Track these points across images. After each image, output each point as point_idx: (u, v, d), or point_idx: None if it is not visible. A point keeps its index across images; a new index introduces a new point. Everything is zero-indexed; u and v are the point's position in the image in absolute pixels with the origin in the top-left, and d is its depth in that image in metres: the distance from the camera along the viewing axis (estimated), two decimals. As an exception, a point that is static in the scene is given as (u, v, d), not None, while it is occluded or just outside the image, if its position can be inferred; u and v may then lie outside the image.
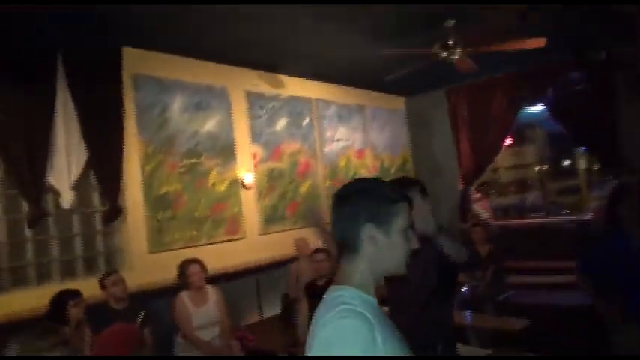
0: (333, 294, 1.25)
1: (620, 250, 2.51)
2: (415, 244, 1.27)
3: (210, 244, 4.81)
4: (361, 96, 7.12)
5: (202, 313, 3.84)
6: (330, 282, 3.73)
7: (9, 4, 3.30)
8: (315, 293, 3.85)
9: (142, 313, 3.53)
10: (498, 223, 7.35)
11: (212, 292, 3.98)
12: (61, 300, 3.23)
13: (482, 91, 7.26)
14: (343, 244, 1.27)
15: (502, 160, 8.13)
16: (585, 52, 6.10)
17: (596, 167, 7.26)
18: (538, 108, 7.03)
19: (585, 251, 2.81)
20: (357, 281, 1.24)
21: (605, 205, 5.22)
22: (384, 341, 1.12)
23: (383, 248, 1.23)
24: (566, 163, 8.86)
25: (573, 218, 6.91)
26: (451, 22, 4.49)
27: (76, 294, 3.29)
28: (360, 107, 7.10)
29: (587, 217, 6.73)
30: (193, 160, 4.83)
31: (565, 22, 5.07)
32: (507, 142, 7.61)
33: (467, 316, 4.22)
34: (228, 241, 5.03)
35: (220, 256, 4.81)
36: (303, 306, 3.93)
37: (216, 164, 5.02)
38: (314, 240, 5.21)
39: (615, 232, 2.61)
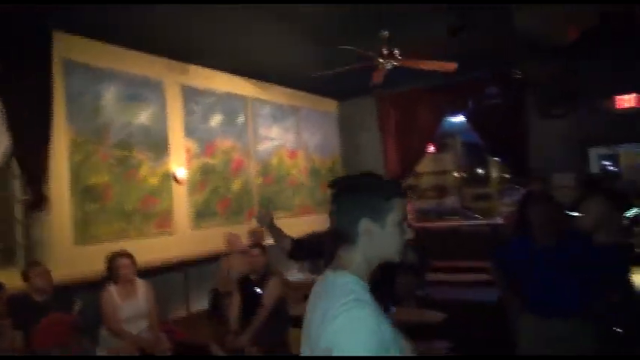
0: (339, 280, 1.29)
1: (525, 252, 2.82)
2: (410, 235, 1.35)
3: (140, 237, 4.73)
4: (296, 98, 7.27)
5: (130, 307, 3.79)
6: (264, 277, 3.84)
7: None
8: (247, 288, 3.94)
9: (78, 302, 3.46)
10: (418, 225, 7.78)
11: (141, 285, 3.94)
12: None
13: (410, 100, 7.67)
14: (341, 234, 1.34)
15: (423, 166, 8.63)
16: (503, 70, 6.68)
17: (507, 176, 7.92)
18: (459, 118, 7.55)
19: (499, 251, 3.11)
20: (354, 269, 1.31)
21: (515, 211, 5.75)
22: (384, 327, 1.20)
23: (378, 240, 1.31)
24: (481, 171, 9.57)
25: (485, 222, 7.49)
26: (385, 33, 4.75)
27: (-3, 286, 3.15)
28: (294, 108, 7.24)
29: (499, 221, 7.33)
30: (125, 152, 4.72)
31: (487, 41, 5.52)
32: (430, 149, 8.09)
33: (392, 310, 4.49)
34: (159, 235, 4.97)
35: (150, 250, 4.74)
36: (236, 300, 4.00)
37: (149, 157, 4.95)
38: (245, 236, 5.28)
39: (523, 235, 2.92)
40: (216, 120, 5.79)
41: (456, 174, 9.28)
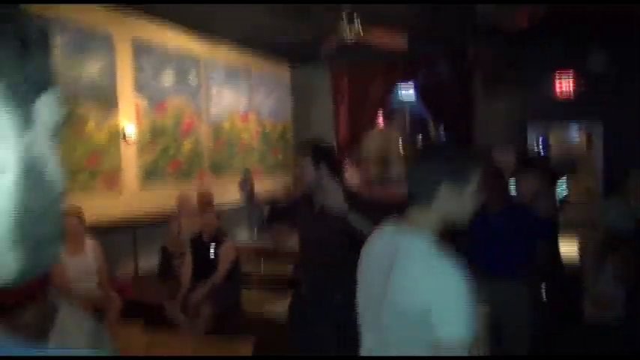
0: (418, 239, 1.35)
1: (479, 223, 3.01)
2: (478, 204, 1.47)
3: (87, 196, 4.58)
4: (249, 60, 7.15)
5: (78, 264, 3.71)
6: (217, 238, 3.85)
7: None
8: (200, 249, 3.95)
9: None
10: (367, 192, 7.99)
11: (89, 243, 3.86)
12: None
13: (363, 70, 7.75)
14: (416, 195, 1.43)
15: (372, 136, 8.80)
16: (454, 47, 6.88)
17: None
18: (409, 92, 7.72)
19: None
20: (429, 228, 1.39)
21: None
22: None
23: (455, 205, 1.40)
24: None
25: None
26: (348, 7, 4.75)
27: None
28: (247, 71, 7.13)
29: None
30: (71, 107, 4.50)
31: (441, 18, 5.65)
32: (379, 119, 8.25)
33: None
34: (106, 194, 4.83)
35: (97, 209, 4.60)
36: (188, 260, 4.00)
37: (97, 113, 4.75)
38: (194, 197, 5.24)
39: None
40: (167, 78, 5.62)
41: (402, 146, 9.55)
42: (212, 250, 3.90)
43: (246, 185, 2.64)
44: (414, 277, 1.28)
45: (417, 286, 1.26)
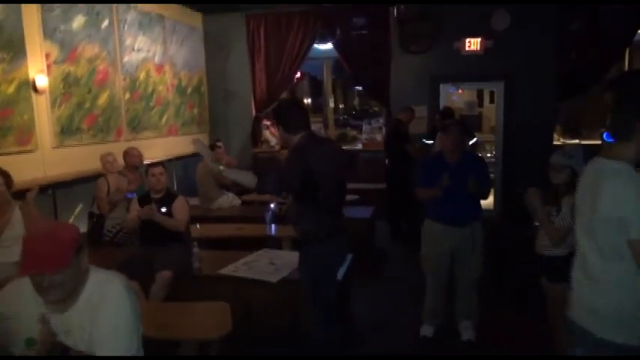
0: (621, 167, 1.67)
1: (438, 168, 3.27)
2: None
3: (-4, 154, 4.04)
4: (161, 6, 6.61)
5: (6, 229, 3.33)
6: (168, 196, 3.69)
7: None
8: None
9: None
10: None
11: (15, 206, 3.45)
12: None
13: (280, 23, 7.56)
14: (619, 131, 1.71)
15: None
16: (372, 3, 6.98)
17: (370, 108, 8.51)
18: (328, 45, 7.72)
19: (422, 164, 3.56)
20: (627, 160, 1.68)
21: (386, 135, 6.30)
22: None
23: None
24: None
25: (347, 147, 8.03)
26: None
27: None
28: (160, 17, 6.60)
29: (358, 146, 7.93)
30: (-29, 51, 3.87)
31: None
32: (297, 75, 8.19)
33: (273, 228, 4.72)
34: (18, 153, 4.29)
35: (9, 169, 4.09)
36: (131, 216, 3.77)
37: (2, 59, 4.12)
38: (119, 156, 4.88)
39: (437, 155, 3.42)
40: (78, 21, 5.01)
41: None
42: (164, 209, 3.70)
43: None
44: (615, 193, 1.65)
45: (617, 199, 1.64)
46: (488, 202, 5.94)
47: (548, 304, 2.75)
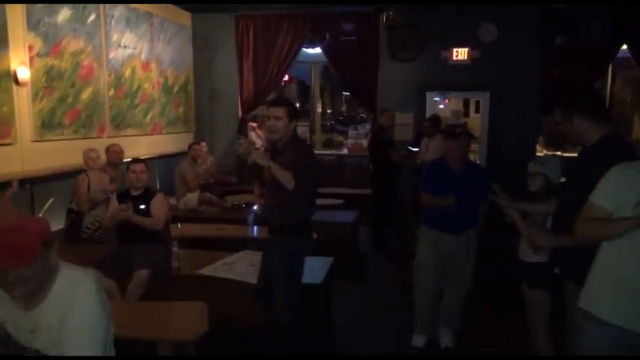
0: None
1: (441, 176, 3.25)
2: None
3: (-26, 146, 3.95)
4: (150, 3, 6.56)
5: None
6: (147, 193, 3.65)
7: None
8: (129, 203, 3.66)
9: None
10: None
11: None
12: None
13: (269, 25, 7.54)
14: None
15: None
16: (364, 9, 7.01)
17: (358, 114, 8.53)
18: (316, 50, 7.72)
19: (425, 171, 3.51)
20: None
21: (370, 140, 6.31)
22: None
23: None
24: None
25: (332, 152, 8.04)
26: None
27: None
28: (149, 14, 6.54)
29: (344, 151, 7.94)
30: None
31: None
32: (285, 78, 8.18)
33: (255, 230, 4.69)
34: (-3, 144, 4.21)
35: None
36: (110, 213, 3.72)
37: (-17, 50, 4.05)
38: (102, 152, 4.81)
39: (439, 162, 3.37)
40: (64, 14, 4.93)
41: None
42: (142, 206, 3.64)
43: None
44: None
45: None
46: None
47: (528, 309, 2.77)
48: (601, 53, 6.77)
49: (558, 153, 7.19)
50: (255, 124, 8.00)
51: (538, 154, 7.14)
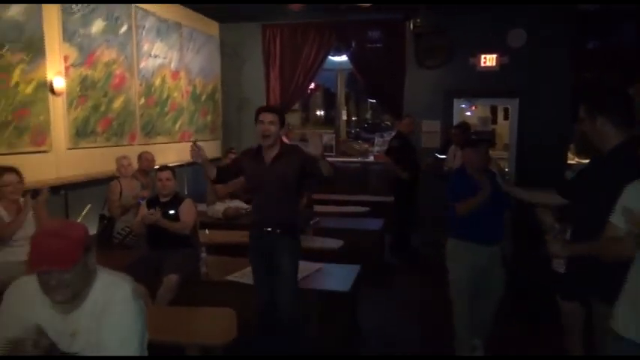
0: None
1: (466, 187, 3.18)
2: None
3: (12, 154, 4.08)
4: (180, 14, 6.70)
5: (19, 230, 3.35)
6: (175, 199, 3.69)
7: None
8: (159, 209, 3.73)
9: None
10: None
11: (28, 206, 3.48)
12: None
13: (296, 33, 7.61)
14: None
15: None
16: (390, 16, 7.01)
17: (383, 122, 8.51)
18: (342, 57, 7.75)
19: (452, 182, 3.43)
20: None
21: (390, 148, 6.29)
22: None
23: None
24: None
25: (358, 160, 8.02)
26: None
27: None
28: (178, 25, 6.68)
29: (370, 159, 7.91)
30: (-8, 50, 3.93)
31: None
32: (311, 86, 8.23)
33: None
34: (33, 153, 4.34)
35: (23, 169, 4.12)
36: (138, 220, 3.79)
37: (22, 60, 4.18)
38: (134, 159, 4.92)
39: (461, 172, 3.29)
40: (97, 25, 5.08)
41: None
42: (172, 212, 3.70)
43: (199, 153, 3.10)
44: None
45: None
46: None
47: (562, 320, 2.70)
48: (636, 57, 6.59)
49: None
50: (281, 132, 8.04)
51: (570, 161, 6.99)
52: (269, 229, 3.03)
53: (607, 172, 2.05)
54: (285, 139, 2.95)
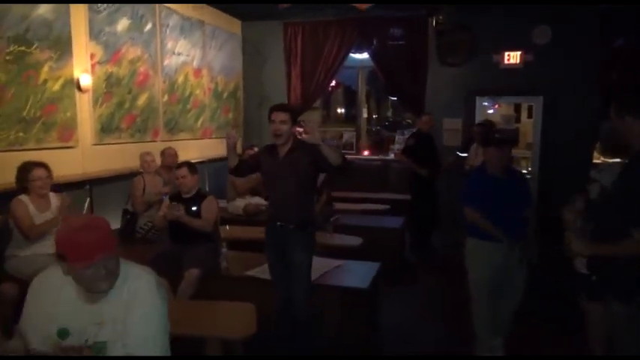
0: None
1: (486, 184, 3.14)
2: None
3: (40, 149, 4.19)
4: (202, 11, 6.77)
5: (43, 219, 3.44)
6: (197, 195, 3.73)
7: None
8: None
9: None
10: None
11: (54, 198, 3.58)
12: None
13: (317, 31, 7.62)
14: None
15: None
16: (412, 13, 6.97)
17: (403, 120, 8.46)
18: (363, 55, 7.73)
19: (470, 181, 3.40)
20: None
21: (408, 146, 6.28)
22: None
23: None
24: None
25: (378, 157, 8.00)
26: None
27: None
28: (201, 23, 6.75)
29: (390, 157, 7.88)
30: (22, 48, 4.03)
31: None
32: (332, 83, 8.22)
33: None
34: (60, 148, 4.44)
35: (50, 164, 4.23)
36: (160, 216, 3.86)
37: (50, 58, 4.29)
38: (157, 156, 5.00)
39: (481, 169, 3.25)
40: (123, 24, 5.17)
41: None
42: (194, 208, 3.75)
43: (233, 137, 3.17)
44: None
45: None
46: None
47: (588, 323, 2.66)
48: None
49: (618, 160, 6.87)
50: (301, 129, 8.06)
51: (595, 160, 6.83)
52: (282, 223, 3.06)
53: (636, 171, 2.02)
54: (304, 136, 2.94)
